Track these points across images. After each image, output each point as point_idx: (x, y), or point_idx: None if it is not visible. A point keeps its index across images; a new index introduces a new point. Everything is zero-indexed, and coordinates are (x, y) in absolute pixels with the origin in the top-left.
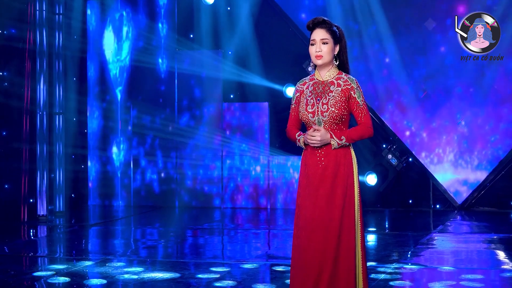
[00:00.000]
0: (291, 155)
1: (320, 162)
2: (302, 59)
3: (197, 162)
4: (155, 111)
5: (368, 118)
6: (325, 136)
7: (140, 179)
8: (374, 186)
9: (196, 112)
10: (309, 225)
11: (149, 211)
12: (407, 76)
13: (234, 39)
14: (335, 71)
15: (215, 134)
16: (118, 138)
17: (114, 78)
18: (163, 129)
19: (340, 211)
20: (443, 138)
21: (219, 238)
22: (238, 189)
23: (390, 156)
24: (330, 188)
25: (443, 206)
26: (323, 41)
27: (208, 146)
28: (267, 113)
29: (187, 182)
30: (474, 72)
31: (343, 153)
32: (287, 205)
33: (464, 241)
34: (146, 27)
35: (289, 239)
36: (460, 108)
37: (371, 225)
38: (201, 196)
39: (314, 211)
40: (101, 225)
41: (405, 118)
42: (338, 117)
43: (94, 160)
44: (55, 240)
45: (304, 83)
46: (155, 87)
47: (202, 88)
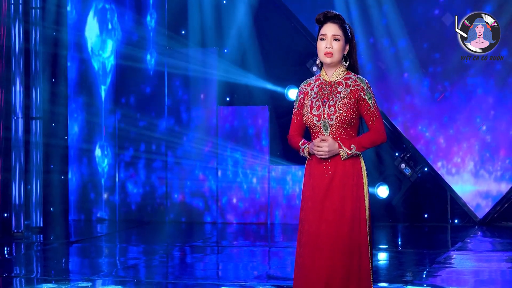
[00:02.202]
0: (294, 164)
1: (326, 172)
2: (306, 58)
3: (189, 173)
4: (143, 115)
5: (380, 122)
6: (333, 146)
7: (126, 191)
8: (385, 198)
9: (188, 116)
10: (314, 241)
11: (135, 226)
12: (422, 75)
13: (230, 35)
14: (344, 71)
15: (209, 141)
16: (102, 145)
17: (98, 78)
18: (151, 135)
19: (349, 226)
20: (463, 145)
21: (212, 256)
22: (233, 202)
23: (403, 166)
24: (338, 200)
25: (462, 221)
26: (334, 37)
27: (200, 155)
28: (267, 118)
29: (177, 194)
30: (497, 71)
31: (352, 162)
32: (288, 220)
33: (486, 260)
34: (133, 22)
35: (291, 257)
36: (482, 111)
37: (382, 242)
38: (192, 210)
39: (320, 226)
40: (83, 242)
41: (420, 122)
42: (346, 121)
43: (75, 170)
44: (32, 259)
45: (308, 84)
46: (142, 88)
47: (194, 90)
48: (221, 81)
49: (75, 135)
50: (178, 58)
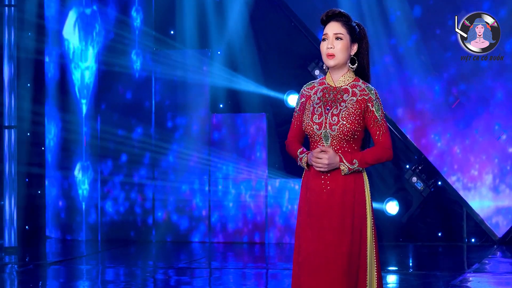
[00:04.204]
0: (294, 178)
1: (325, 187)
2: (308, 60)
3: (178, 187)
4: (128, 123)
5: (388, 138)
6: (334, 159)
7: (109, 208)
8: (395, 215)
9: (177, 125)
10: (311, 262)
11: (119, 246)
12: (435, 79)
13: (224, 35)
14: (351, 76)
15: (200, 152)
16: (82, 156)
17: (78, 83)
18: (137, 145)
19: (348, 247)
20: (480, 157)
21: (203, 280)
22: (227, 219)
23: (414, 179)
24: (337, 220)
25: (480, 240)
26: (336, 35)
27: (192, 168)
28: (265, 127)
29: (165, 211)
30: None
31: (353, 178)
32: (287, 239)
33: (506, 283)
34: (116, 21)
35: (288, 279)
36: (501, 118)
37: (392, 263)
38: (182, 228)
39: (318, 245)
40: (62, 263)
41: (433, 131)
42: (349, 133)
43: (53, 184)
44: (5, 282)
45: (312, 87)
46: (126, 94)
47: (185, 96)
48: (214, 86)
49: (52, 146)
50: (167, 61)
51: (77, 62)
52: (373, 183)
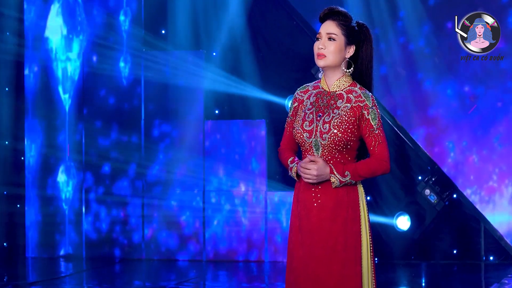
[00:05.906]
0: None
1: (315, 200)
2: (311, 62)
3: (168, 200)
4: (115, 131)
5: (384, 149)
6: (324, 170)
7: (94, 224)
8: (406, 231)
9: (169, 132)
10: (303, 282)
11: (105, 265)
12: (449, 82)
13: (220, 35)
14: (348, 81)
15: (193, 162)
16: (65, 169)
17: (60, 88)
18: (125, 156)
19: (340, 266)
20: (499, 167)
21: None
22: (222, 236)
23: (427, 192)
24: (328, 237)
25: (499, 258)
26: (329, 36)
27: (183, 179)
28: (264, 134)
29: (155, 226)
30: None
31: (346, 191)
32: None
33: None
34: (102, 20)
35: None
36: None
37: (403, 283)
38: (173, 245)
39: (309, 264)
40: (43, 284)
41: (447, 139)
42: (341, 143)
43: (33, 199)
44: None
45: (306, 91)
46: (115, 99)
47: (177, 101)
48: (209, 91)
49: (33, 156)
50: (157, 62)
51: (60, 65)
52: (383, 196)
